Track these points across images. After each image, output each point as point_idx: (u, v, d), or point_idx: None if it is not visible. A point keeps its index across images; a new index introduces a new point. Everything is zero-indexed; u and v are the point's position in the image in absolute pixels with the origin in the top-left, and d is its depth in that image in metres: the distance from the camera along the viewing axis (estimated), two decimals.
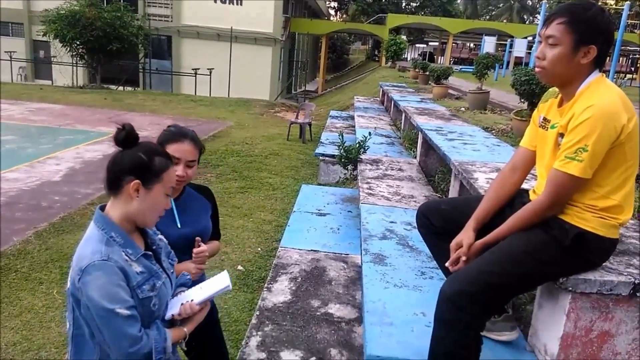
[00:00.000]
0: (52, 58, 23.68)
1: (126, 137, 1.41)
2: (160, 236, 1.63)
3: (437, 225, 2.22)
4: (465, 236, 1.99)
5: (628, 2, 13.12)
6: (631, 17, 25.11)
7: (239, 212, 5.94)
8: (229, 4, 25.81)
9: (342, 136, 5.89)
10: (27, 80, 25.31)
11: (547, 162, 1.90)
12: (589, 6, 1.79)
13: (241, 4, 25.78)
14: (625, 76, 30.15)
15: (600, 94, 1.74)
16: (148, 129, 9.95)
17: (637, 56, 35.86)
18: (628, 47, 30.34)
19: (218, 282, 1.62)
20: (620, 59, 31.87)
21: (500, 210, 2.05)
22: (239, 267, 4.44)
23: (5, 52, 23.53)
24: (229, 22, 25.07)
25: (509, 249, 1.86)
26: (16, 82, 22.12)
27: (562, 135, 1.80)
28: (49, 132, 10.23)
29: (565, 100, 1.88)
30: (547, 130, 1.92)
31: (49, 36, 19.30)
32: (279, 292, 3.19)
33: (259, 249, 4.89)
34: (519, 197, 2.08)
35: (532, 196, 2.01)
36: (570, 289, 1.87)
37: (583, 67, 1.79)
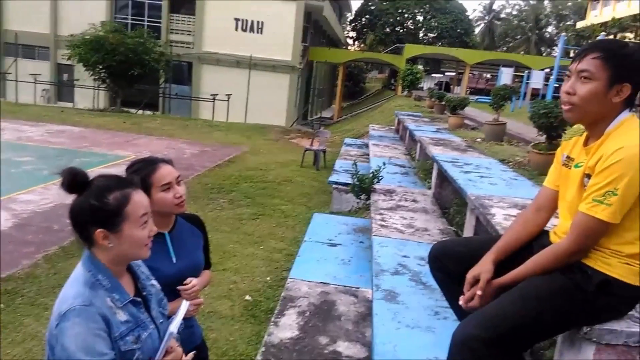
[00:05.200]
0: (75, 81, 24.24)
1: (70, 183, 1.29)
2: (153, 282, 1.51)
3: (453, 270, 2.07)
4: (484, 270, 1.87)
5: None
6: None
7: (249, 239, 5.87)
8: (250, 32, 26.28)
9: (356, 166, 5.83)
10: (50, 102, 25.88)
11: (570, 202, 1.81)
12: (624, 44, 1.73)
13: (261, 33, 26.23)
14: None
15: (631, 135, 1.65)
16: (165, 152, 10.01)
17: None
18: None
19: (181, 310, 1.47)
20: None
21: (520, 250, 1.94)
22: (247, 297, 4.34)
23: (30, 74, 24.18)
24: (248, 50, 25.50)
25: (526, 294, 1.74)
26: (39, 104, 22.62)
27: (588, 176, 1.71)
28: (66, 154, 10.35)
29: (592, 139, 1.79)
30: (570, 169, 1.83)
31: (73, 60, 19.81)
32: (286, 327, 3.08)
33: (268, 278, 4.79)
34: (538, 238, 1.97)
35: (552, 237, 1.90)
36: (595, 339, 1.74)
37: (614, 105, 1.71)
